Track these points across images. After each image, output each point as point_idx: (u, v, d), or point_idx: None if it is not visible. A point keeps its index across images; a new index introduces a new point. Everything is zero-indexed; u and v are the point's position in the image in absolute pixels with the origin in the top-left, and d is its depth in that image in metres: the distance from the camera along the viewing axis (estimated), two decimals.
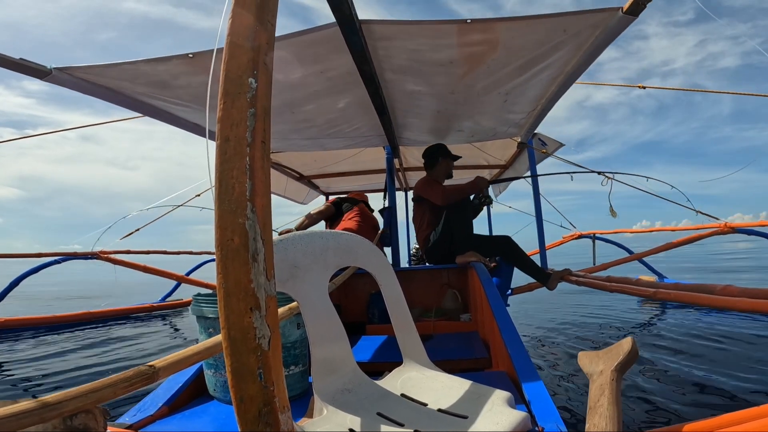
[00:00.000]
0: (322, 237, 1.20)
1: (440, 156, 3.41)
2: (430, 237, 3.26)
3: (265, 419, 0.43)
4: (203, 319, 1.44)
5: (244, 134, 0.45)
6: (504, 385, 1.36)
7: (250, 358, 0.43)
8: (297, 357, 1.48)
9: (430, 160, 3.46)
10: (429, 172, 3.48)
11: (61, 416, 0.58)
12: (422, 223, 3.37)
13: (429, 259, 3.32)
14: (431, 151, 3.47)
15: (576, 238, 5.84)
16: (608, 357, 1.02)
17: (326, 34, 1.86)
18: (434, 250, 3.23)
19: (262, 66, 0.47)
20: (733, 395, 2.21)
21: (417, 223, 3.45)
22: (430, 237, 3.26)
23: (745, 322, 3.99)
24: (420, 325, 1.41)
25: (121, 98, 2.38)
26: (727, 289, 1.98)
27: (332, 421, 0.94)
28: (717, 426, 0.89)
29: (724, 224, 4.46)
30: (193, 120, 2.81)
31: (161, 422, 1.22)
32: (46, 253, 5.36)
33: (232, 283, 0.44)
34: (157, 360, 0.78)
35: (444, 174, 3.45)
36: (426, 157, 3.50)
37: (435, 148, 3.46)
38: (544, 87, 2.49)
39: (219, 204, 0.45)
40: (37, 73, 1.99)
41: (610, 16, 1.74)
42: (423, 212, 3.37)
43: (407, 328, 1.33)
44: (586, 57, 2.06)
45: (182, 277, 6.46)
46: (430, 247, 3.26)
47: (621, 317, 4.81)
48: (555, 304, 5.87)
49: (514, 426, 0.94)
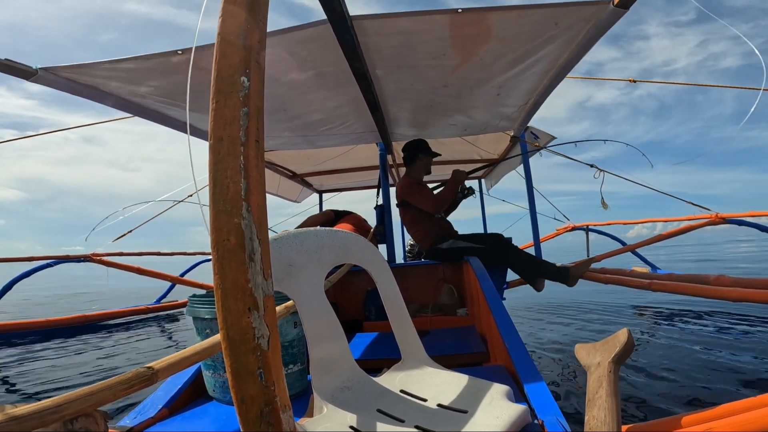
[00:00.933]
0: (317, 235, 1.19)
1: (420, 153, 3.37)
2: (430, 237, 3.23)
3: (267, 419, 0.43)
4: (200, 320, 1.44)
5: (238, 133, 0.45)
6: (502, 378, 1.36)
7: (249, 358, 0.43)
8: (295, 356, 1.48)
9: (410, 156, 3.42)
10: (408, 169, 3.44)
11: (62, 420, 0.57)
12: (414, 225, 3.35)
13: (434, 257, 3.27)
14: (411, 147, 3.42)
15: (570, 230, 5.88)
16: (605, 349, 1.03)
17: (317, 31, 1.85)
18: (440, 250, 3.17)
19: (255, 64, 0.47)
20: (732, 386, 2.23)
21: (408, 225, 3.43)
22: (430, 237, 3.23)
23: (739, 318, 4.03)
24: (417, 321, 1.41)
25: (109, 98, 2.36)
26: (720, 279, 2.00)
27: (332, 419, 0.94)
28: (715, 416, 0.90)
29: (715, 215, 4.51)
30: (182, 119, 2.79)
31: (162, 424, 1.22)
32: (39, 256, 5.32)
33: (230, 284, 0.43)
34: (156, 361, 0.77)
35: (423, 171, 3.42)
36: (405, 152, 3.45)
37: (415, 143, 3.42)
38: (537, 80, 2.50)
39: (214, 204, 0.44)
40: (22, 73, 1.97)
41: (602, 9, 1.74)
42: (412, 215, 3.34)
43: (404, 324, 1.33)
44: (578, 50, 2.07)
45: (177, 278, 6.44)
46: (435, 247, 3.20)
47: (614, 308, 4.85)
48: (549, 295, 5.91)
49: (514, 419, 0.94)
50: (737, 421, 0.84)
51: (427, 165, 3.41)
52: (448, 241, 3.13)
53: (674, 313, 4.31)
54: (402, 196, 3.34)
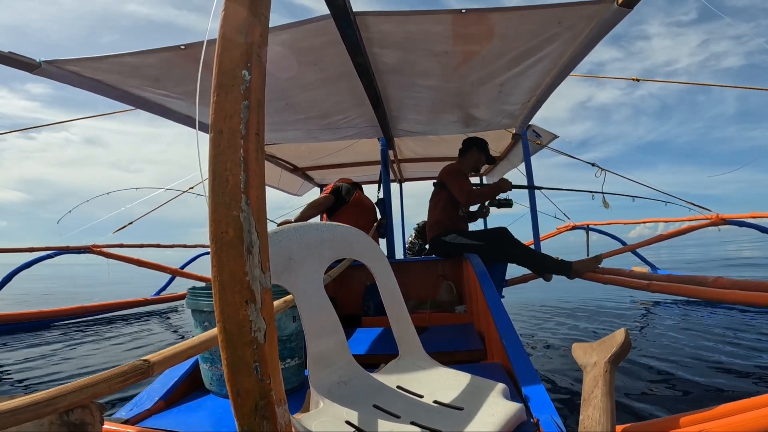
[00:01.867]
0: (317, 229, 1.19)
1: (475, 147, 3.37)
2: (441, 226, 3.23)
3: (262, 412, 0.43)
4: (198, 312, 1.44)
5: (238, 126, 0.45)
6: (499, 376, 1.37)
7: (246, 351, 0.43)
8: (293, 350, 1.48)
9: (464, 147, 3.42)
10: (460, 158, 3.44)
11: (57, 412, 0.57)
12: (435, 208, 3.35)
13: (436, 249, 3.25)
14: (469, 141, 3.43)
15: (570, 229, 5.88)
16: (602, 349, 1.03)
17: (320, 26, 1.85)
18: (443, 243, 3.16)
19: (256, 59, 0.47)
20: (729, 387, 2.24)
21: (432, 206, 3.42)
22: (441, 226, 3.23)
23: (736, 318, 4.04)
24: (415, 317, 1.41)
25: (111, 90, 2.35)
26: (719, 281, 2.00)
27: (329, 414, 0.94)
28: (711, 417, 0.90)
29: (716, 216, 4.51)
30: (185, 112, 2.79)
31: (158, 416, 1.22)
32: (39, 247, 5.32)
33: (227, 276, 0.43)
34: (152, 354, 0.77)
35: (472, 166, 3.40)
36: (463, 143, 3.45)
37: (475, 140, 3.42)
38: (539, 79, 2.49)
39: (213, 196, 0.44)
40: (26, 66, 1.97)
41: (605, 8, 1.74)
42: (439, 198, 3.34)
43: (403, 320, 1.33)
44: (581, 49, 2.06)
45: (177, 270, 6.45)
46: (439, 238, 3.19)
47: (613, 307, 4.85)
48: (548, 293, 5.92)
49: (510, 417, 0.94)
50: (734, 422, 0.84)
51: (478, 162, 3.40)
52: (452, 234, 3.13)
53: (672, 312, 4.31)
54: (441, 177, 3.34)
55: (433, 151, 4.76)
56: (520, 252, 3.02)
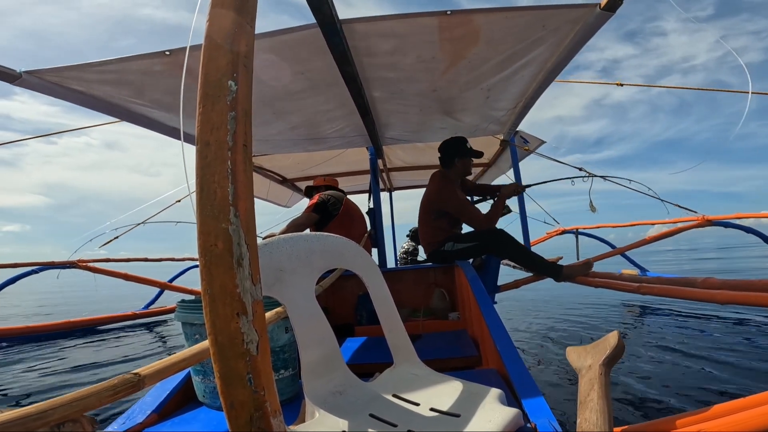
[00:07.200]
0: (307, 240, 1.19)
1: (457, 156, 3.14)
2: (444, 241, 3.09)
3: (257, 424, 0.42)
4: (188, 325, 1.42)
5: (225, 138, 0.44)
6: (495, 382, 1.36)
7: (238, 363, 0.42)
8: (286, 361, 1.47)
9: (445, 158, 3.20)
10: (446, 170, 3.23)
11: (47, 425, 0.57)
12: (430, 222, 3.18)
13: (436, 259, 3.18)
14: (447, 150, 3.19)
15: (560, 234, 5.92)
16: (596, 351, 1.03)
17: (306, 35, 1.85)
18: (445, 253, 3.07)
19: (243, 68, 0.46)
20: (725, 386, 2.25)
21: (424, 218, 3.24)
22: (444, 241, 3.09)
23: (731, 317, 4.08)
24: (409, 325, 1.40)
25: (95, 102, 2.31)
26: (708, 282, 2.02)
27: (324, 425, 0.93)
28: (708, 417, 0.91)
29: (702, 217, 4.57)
30: (170, 124, 2.75)
31: (151, 429, 1.20)
32: (24, 263, 5.25)
33: (218, 289, 0.43)
34: (143, 368, 0.76)
35: (462, 174, 3.23)
36: (441, 152, 3.22)
37: (452, 145, 3.17)
38: (526, 83, 2.51)
39: (201, 209, 0.44)
40: (6, 77, 1.94)
41: (589, 12, 1.76)
42: (429, 211, 3.17)
43: (396, 328, 1.32)
44: (566, 53, 2.08)
45: (165, 284, 6.38)
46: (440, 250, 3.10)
47: (603, 311, 4.88)
48: (539, 298, 5.94)
49: (507, 423, 0.94)
50: (731, 422, 0.84)
51: (466, 167, 3.20)
52: (449, 243, 3.05)
53: (665, 314, 4.34)
54: (439, 205, 3.11)
55: (421, 159, 4.78)
56: (510, 249, 2.92)
